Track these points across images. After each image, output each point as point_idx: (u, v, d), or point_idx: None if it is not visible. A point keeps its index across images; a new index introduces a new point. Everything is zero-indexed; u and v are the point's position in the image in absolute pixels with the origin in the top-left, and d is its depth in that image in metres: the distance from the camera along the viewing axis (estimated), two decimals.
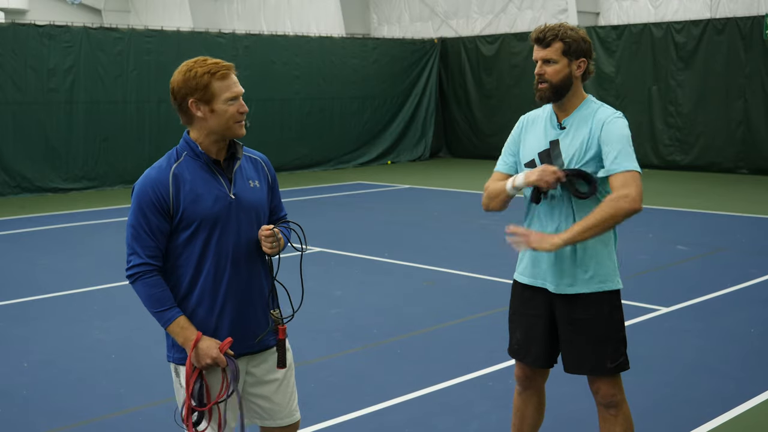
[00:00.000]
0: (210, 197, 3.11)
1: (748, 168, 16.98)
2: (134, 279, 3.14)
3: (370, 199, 14.98)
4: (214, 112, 3.08)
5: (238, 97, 3.12)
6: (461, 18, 22.39)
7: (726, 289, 7.90)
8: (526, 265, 3.78)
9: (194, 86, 3.07)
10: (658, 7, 19.10)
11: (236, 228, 3.16)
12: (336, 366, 5.86)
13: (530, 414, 3.96)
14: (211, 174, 3.14)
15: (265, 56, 17.98)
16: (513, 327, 3.88)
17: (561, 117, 3.69)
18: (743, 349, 6.21)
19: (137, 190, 3.13)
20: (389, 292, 8.06)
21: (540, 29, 3.63)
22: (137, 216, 3.12)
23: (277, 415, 3.37)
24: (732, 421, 4.86)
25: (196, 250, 3.13)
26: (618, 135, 3.54)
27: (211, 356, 3.09)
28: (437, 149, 21.72)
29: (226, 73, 3.11)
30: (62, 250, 10.28)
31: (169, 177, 3.10)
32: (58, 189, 15.54)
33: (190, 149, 3.15)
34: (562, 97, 3.63)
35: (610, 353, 3.65)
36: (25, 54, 15.12)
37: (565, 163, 3.60)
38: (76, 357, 6.23)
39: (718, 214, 12.35)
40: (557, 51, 3.58)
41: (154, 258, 3.12)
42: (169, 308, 3.11)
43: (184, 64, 3.15)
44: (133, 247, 3.13)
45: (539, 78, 3.61)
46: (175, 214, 3.10)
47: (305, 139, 18.91)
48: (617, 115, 3.62)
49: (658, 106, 17.97)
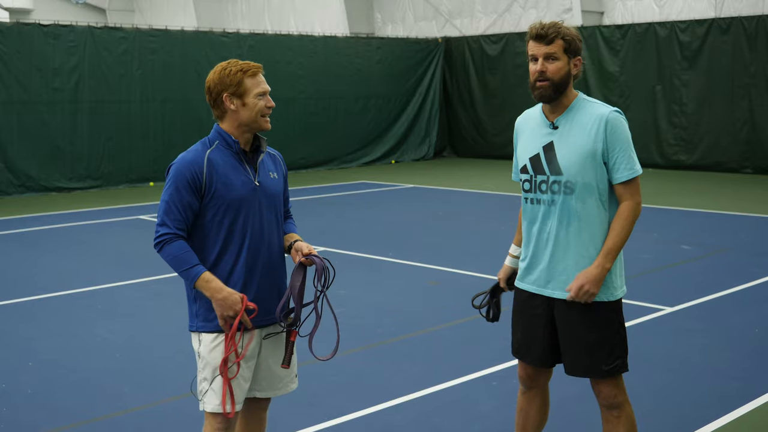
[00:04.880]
0: (238, 182, 3.45)
1: (752, 168, 16.95)
2: (161, 246, 3.39)
3: (374, 198, 14.98)
4: (246, 105, 3.44)
5: (266, 93, 3.49)
6: (465, 17, 22.38)
7: (730, 288, 7.89)
8: (524, 270, 3.76)
9: (228, 83, 3.42)
10: (662, 6, 19.07)
11: (259, 212, 3.50)
12: (340, 365, 5.86)
13: (534, 413, 3.95)
14: (239, 162, 3.49)
15: (269, 56, 17.98)
16: (515, 327, 3.88)
17: (552, 117, 3.62)
18: (747, 349, 6.20)
19: (174, 170, 3.42)
20: (393, 292, 8.06)
21: (540, 25, 3.54)
22: (171, 192, 3.40)
23: (277, 384, 3.65)
24: (736, 422, 4.86)
25: (223, 230, 3.43)
26: (623, 139, 3.54)
27: (234, 309, 3.35)
28: (441, 149, 21.71)
29: (256, 71, 3.47)
30: (67, 250, 10.29)
31: (204, 160, 3.42)
32: (62, 188, 15.57)
33: (222, 139, 3.49)
34: (560, 96, 3.57)
35: (605, 357, 3.61)
36: (30, 53, 15.14)
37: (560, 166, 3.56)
38: (80, 356, 6.24)
39: (722, 214, 12.33)
40: (560, 48, 3.52)
41: (181, 230, 3.41)
42: (193, 266, 3.37)
43: (219, 65, 3.49)
44: (163, 219, 3.40)
45: (540, 76, 3.52)
46: (206, 194, 3.40)
47: (309, 139, 18.91)
48: (617, 112, 3.58)
49: (662, 105, 17.95)
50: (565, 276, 3.59)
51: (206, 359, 3.46)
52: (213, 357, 3.44)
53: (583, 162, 3.52)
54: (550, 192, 3.59)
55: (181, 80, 16.82)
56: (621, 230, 3.52)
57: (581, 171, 3.53)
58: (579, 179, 3.53)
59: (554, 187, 3.58)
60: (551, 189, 3.59)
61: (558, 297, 3.62)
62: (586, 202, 3.55)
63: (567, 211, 3.56)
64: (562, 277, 3.60)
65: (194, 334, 3.52)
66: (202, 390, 3.49)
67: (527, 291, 3.74)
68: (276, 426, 4.48)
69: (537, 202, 3.64)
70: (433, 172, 18.55)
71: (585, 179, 3.53)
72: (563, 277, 3.60)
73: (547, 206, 3.61)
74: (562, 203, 3.57)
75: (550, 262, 3.62)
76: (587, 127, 3.54)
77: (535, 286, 3.70)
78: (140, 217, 12.68)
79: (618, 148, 3.53)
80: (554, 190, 3.58)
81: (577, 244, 3.57)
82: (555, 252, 3.60)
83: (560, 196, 3.56)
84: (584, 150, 3.53)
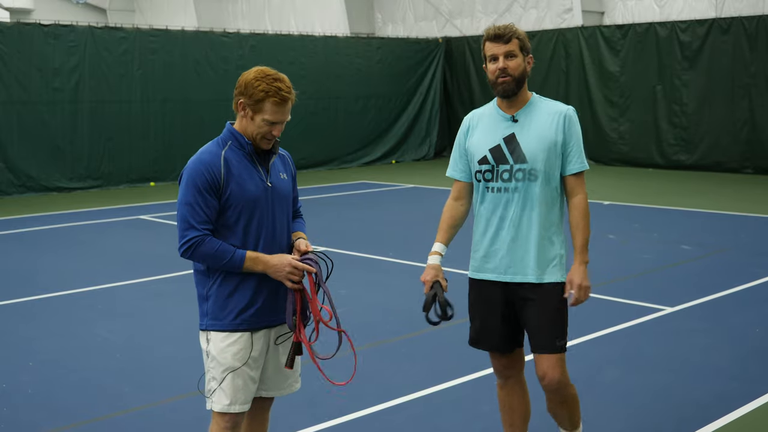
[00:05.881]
0: (252, 183, 3.44)
1: (753, 168, 16.94)
2: (192, 249, 3.36)
3: (375, 198, 14.98)
4: (254, 120, 3.42)
5: (277, 123, 3.43)
6: (466, 17, 22.39)
7: (731, 288, 7.89)
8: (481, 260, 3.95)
9: (250, 94, 3.38)
10: (663, 6, 19.06)
11: (272, 213, 3.49)
12: (341, 365, 5.86)
13: (517, 405, 4.08)
14: (251, 163, 3.47)
15: (270, 56, 17.97)
16: (473, 318, 4.04)
17: (511, 111, 3.86)
18: (748, 349, 6.20)
19: (191, 172, 3.38)
20: (394, 291, 8.06)
21: (497, 27, 3.83)
22: (193, 194, 3.36)
23: (282, 384, 3.65)
24: (737, 422, 4.85)
25: (239, 231, 3.42)
26: (577, 134, 3.85)
27: (288, 263, 3.39)
28: (442, 148, 21.72)
29: (283, 101, 3.40)
30: (67, 250, 10.29)
31: (221, 160, 3.40)
32: (62, 188, 15.58)
33: (235, 139, 3.47)
34: (519, 90, 3.82)
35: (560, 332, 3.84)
36: (30, 53, 15.15)
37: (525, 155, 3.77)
38: (80, 356, 6.23)
39: (722, 214, 12.33)
40: (516, 46, 3.80)
41: (207, 228, 3.38)
42: (234, 252, 3.36)
43: (259, 70, 3.43)
44: (188, 221, 3.36)
45: (502, 72, 3.78)
46: (223, 193, 3.38)
47: (310, 139, 18.91)
48: (573, 110, 3.88)
49: (662, 105, 17.95)
50: (527, 259, 3.80)
51: (216, 358, 3.44)
52: (222, 356, 3.43)
53: (547, 151, 3.78)
54: (514, 180, 3.81)
55: (182, 80, 16.82)
56: (586, 224, 3.83)
57: (545, 159, 3.78)
58: (542, 167, 3.79)
59: (518, 175, 3.80)
60: (515, 177, 3.81)
61: (519, 281, 3.83)
62: (546, 188, 3.81)
63: (530, 197, 3.80)
64: (524, 260, 3.81)
65: (203, 333, 3.51)
66: (210, 389, 3.48)
67: (485, 280, 3.93)
68: (276, 426, 4.48)
69: (499, 191, 3.86)
70: (434, 172, 18.55)
71: (547, 167, 3.80)
72: (525, 260, 3.81)
73: (510, 193, 3.83)
74: (526, 190, 3.80)
75: (511, 248, 3.83)
76: (548, 120, 3.81)
77: (494, 274, 3.89)
78: (140, 217, 12.68)
79: (573, 142, 3.83)
80: (518, 178, 3.80)
81: (539, 226, 3.81)
82: (517, 236, 3.82)
83: (524, 183, 3.80)
84: (548, 140, 3.79)
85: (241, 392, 3.46)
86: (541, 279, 3.81)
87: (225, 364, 3.43)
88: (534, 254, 3.79)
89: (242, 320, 3.44)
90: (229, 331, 3.43)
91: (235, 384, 3.44)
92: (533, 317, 3.82)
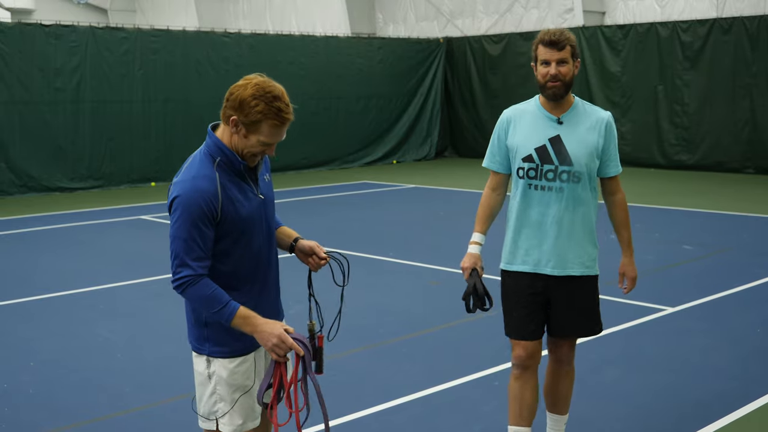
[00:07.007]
0: (246, 202, 3.18)
1: (754, 168, 16.93)
2: (183, 288, 3.09)
3: (376, 198, 14.98)
4: (247, 139, 3.11)
5: (272, 145, 3.15)
6: (467, 17, 22.38)
7: (732, 289, 7.89)
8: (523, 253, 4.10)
9: (246, 113, 3.06)
10: (664, 6, 19.05)
11: (265, 225, 3.29)
12: (341, 365, 5.86)
13: (528, 396, 4.15)
14: (242, 178, 3.20)
15: (271, 56, 17.98)
16: (509, 309, 4.15)
17: (556, 113, 4.04)
18: (748, 350, 6.20)
19: (188, 203, 3.07)
20: (394, 292, 8.06)
21: (552, 33, 3.97)
22: (189, 229, 3.07)
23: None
24: (737, 422, 4.85)
25: (236, 252, 3.19)
26: (615, 139, 4.10)
27: (277, 334, 3.09)
28: (443, 149, 21.72)
29: (280, 124, 3.13)
30: (68, 250, 10.30)
31: (218, 188, 3.10)
32: (64, 188, 15.58)
33: (223, 155, 3.15)
34: (566, 94, 4.01)
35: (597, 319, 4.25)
36: (32, 54, 15.15)
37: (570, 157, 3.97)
38: (81, 356, 6.24)
39: (724, 214, 12.32)
40: (568, 53, 3.97)
41: (203, 267, 3.10)
42: (226, 304, 3.08)
43: (258, 87, 3.10)
44: (183, 259, 3.07)
45: (553, 78, 3.94)
46: (221, 222, 3.12)
47: (311, 139, 18.89)
48: (611, 116, 4.13)
49: (664, 105, 17.94)
50: (572, 254, 4.03)
51: (224, 381, 3.23)
52: (233, 378, 3.24)
53: (590, 155, 3.99)
54: (559, 180, 3.99)
55: (183, 80, 16.83)
56: (629, 221, 4.21)
57: (587, 163, 3.99)
58: (585, 170, 3.99)
59: (563, 176, 3.98)
60: (560, 177, 3.99)
61: (558, 274, 4.04)
62: (586, 189, 4.03)
63: (573, 197, 4.00)
64: (569, 255, 4.03)
65: (200, 356, 3.27)
66: (217, 411, 3.26)
67: (523, 272, 4.08)
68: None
69: (542, 189, 4.02)
70: (435, 172, 18.56)
71: (588, 170, 4.01)
72: (569, 255, 4.03)
73: (555, 193, 4.00)
74: (570, 191, 3.99)
75: (555, 244, 4.01)
76: (591, 126, 4.03)
77: (531, 267, 4.06)
78: (142, 217, 12.69)
79: (612, 147, 4.08)
80: (563, 179, 3.98)
81: (582, 225, 4.05)
82: (560, 234, 4.01)
83: (568, 184, 3.99)
84: (590, 145, 4.00)
85: (252, 408, 3.30)
86: (582, 272, 4.06)
87: (236, 385, 3.24)
88: (576, 250, 4.03)
89: (246, 345, 3.25)
90: (238, 356, 3.24)
91: (247, 403, 3.27)
92: (571, 307, 4.09)
